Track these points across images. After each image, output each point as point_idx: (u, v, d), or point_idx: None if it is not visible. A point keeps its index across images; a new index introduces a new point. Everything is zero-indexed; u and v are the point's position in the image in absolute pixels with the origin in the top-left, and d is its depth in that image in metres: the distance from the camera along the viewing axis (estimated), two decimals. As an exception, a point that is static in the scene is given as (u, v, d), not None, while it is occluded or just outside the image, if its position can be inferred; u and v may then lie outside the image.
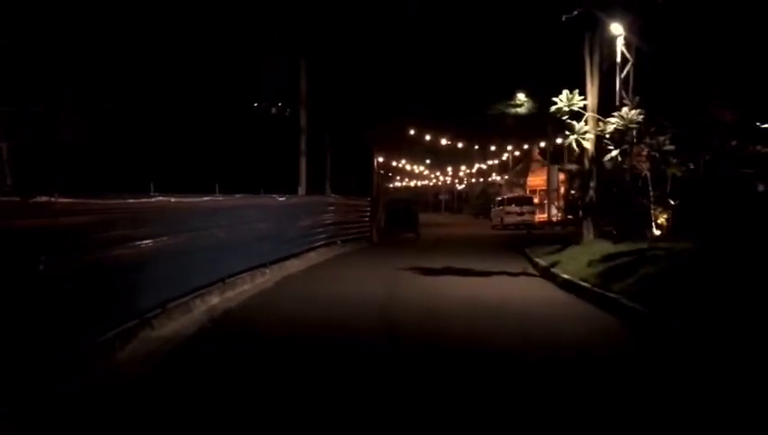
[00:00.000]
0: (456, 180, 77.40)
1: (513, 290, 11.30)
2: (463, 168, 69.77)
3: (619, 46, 12.90)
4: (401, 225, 31.16)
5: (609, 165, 14.11)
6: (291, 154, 21.36)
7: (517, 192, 45.26)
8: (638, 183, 14.04)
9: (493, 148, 50.59)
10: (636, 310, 8.04)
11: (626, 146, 11.41)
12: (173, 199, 9.51)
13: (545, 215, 41.39)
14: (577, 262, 12.25)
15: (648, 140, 11.32)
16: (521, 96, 36.58)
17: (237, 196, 12.72)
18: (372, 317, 8.83)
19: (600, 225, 15.17)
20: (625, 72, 12.96)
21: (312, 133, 22.35)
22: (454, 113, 41.39)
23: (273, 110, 36.90)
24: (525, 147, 47.17)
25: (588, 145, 12.58)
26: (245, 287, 11.79)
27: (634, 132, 11.42)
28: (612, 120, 11.60)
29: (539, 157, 49.51)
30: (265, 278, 13.08)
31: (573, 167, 15.23)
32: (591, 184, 14.72)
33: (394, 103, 35.04)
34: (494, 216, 37.92)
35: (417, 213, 36.17)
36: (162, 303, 8.66)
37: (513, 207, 35.92)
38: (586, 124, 12.80)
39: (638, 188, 14.04)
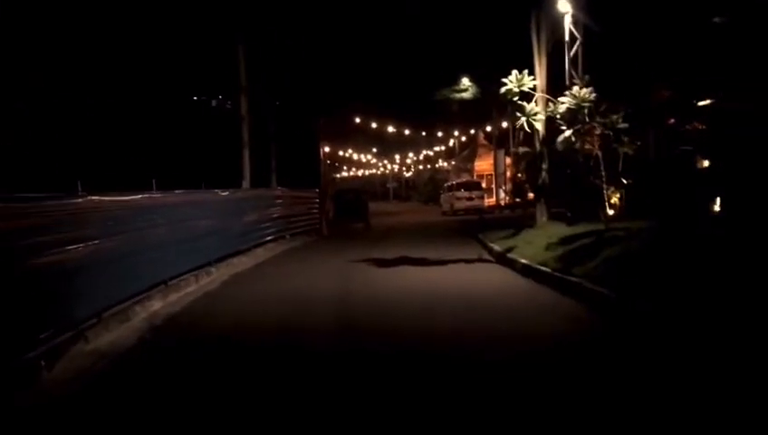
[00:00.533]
0: (404, 168, 77.27)
1: (470, 278, 10.94)
2: (410, 155, 69.65)
3: (567, 24, 12.63)
4: (351, 215, 30.79)
5: (561, 146, 13.82)
6: (234, 147, 20.54)
7: (464, 177, 45.25)
8: (590, 163, 13.91)
9: (439, 134, 50.48)
10: (601, 294, 7.75)
11: (579, 126, 11.14)
12: (105, 198, 8.76)
13: (493, 199, 41.51)
14: (534, 246, 11.99)
15: (599, 119, 11.06)
16: (465, 81, 36.47)
17: (177, 192, 11.99)
18: (327, 317, 8.31)
19: (552, 207, 14.98)
20: (573, 50, 12.71)
21: (256, 124, 21.57)
22: (400, 100, 41.10)
23: (214, 102, 35.83)
24: (472, 132, 47.18)
25: (539, 126, 12.31)
26: (190, 289, 11.09)
27: (586, 111, 11.16)
28: (564, 99, 11.31)
29: (485, 141, 49.62)
30: (211, 278, 12.40)
31: (524, 149, 14.90)
32: (543, 166, 14.49)
33: (339, 91, 34.49)
34: (444, 202, 37.79)
35: (367, 202, 35.77)
36: (98, 312, 7.97)
37: (463, 193, 35.85)
38: (537, 105, 12.50)
39: (590, 169, 13.91)
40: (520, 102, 12.60)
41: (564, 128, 11.40)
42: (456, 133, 47.84)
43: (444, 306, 8.52)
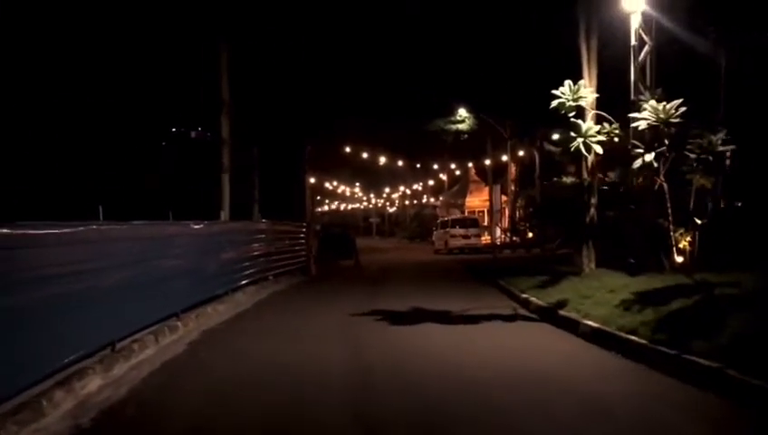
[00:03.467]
0: (388, 203, 74.71)
1: (524, 347, 8.19)
2: (394, 189, 67.16)
3: (635, 25, 10.21)
4: (337, 252, 28.27)
5: (614, 176, 11.39)
6: (211, 178, 17.77)
7: (454, 214, 42.81)
8: (649, 199, 11.39)
9: (434, 166, 47.86)
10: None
11: (663, 148, 8.61)
12: (15, 232, 5.94)
13: (489, 237, 38.97)
14: (597, 301, 9.32)
15: (696, 140, 8.53)
16: (462, 112, 34.14)
17: (135, 223, 9.16)
18: (336, 411, 5.55)
19: (596, 251, 12.36)
20: (642, 56, 10.27)
21: (238, 149, 18.86)
22: (389, 130, 38.51)
23: (193, 134, 33.17)
24: (470, 165, 44.78)
25: (598, 149, 9.76)
26: (146, 354, 8.20)
27: (673, 130, 8.64)
28: (642, 115, 8.78)
29: (476, 177, 47.36)
30: (177, 336, 9.50)
31: (569, 180, 12.30)
32: (592, 201, 11.89)
33: (326, 119, 31.94)
34: (437, 239, 35.18)
35: (355, 239, 33.11)
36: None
37: (458, 230, 33.33)
38: (597, 124, 9.95)
39: (651, 206, 11.40)
40: (575, 120, 10.09)
41: (641, 151, 8.82)
42: (453, 166, 45.15)
43: (507, 398, 5.77)
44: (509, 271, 16.54)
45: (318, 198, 66.11)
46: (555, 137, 33.74)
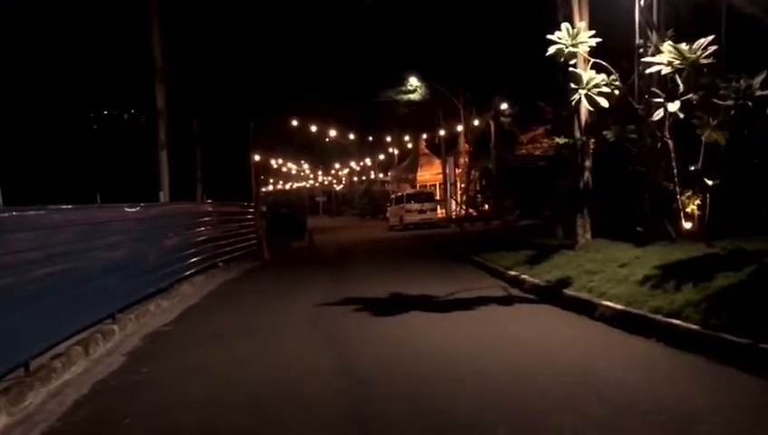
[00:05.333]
0: (335, 181, 72.81)
1: (540, 338, 6.80)
2: (341, 166, 65.35)
3: (639, -43, 8.87)
4: (288, 233, 26.68)
5: (611, 135, 10.12)
6: (148, 159, 15.77)
7: (405, 189, 41.51)
8: (650, 157, 10.20)
9: (388, 139, 46.06)
10: None
11: (691, 95, 7.31)
12: None
13: (444, 211, 37.87)
14: (610, 278, 8.04)
15: (731, 84, 7.24)
16: (413, 81, 32.65)
17: (51, 208, 7.33)
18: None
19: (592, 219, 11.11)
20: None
21: (176, 125, 16.86)
22: (337, 104, 36.65)
23: (126, 116, 30.61)
24: (424, 136, 43.25)
25: (603, 102, 8.42)
26: (73, 372, 6.48)
27: (700, 72, 7.33)
28: (659, 59, 7.44)
29: (426, 150, 46.11)
30: (113, 344, 7.79)
31: (563, 140, 10.97)
32: (586, 164, 10.59)
33: (270, 92, 29.86)
34: (392, 215, 33.78)
35: (305, 219, 31.46)
36: None
37: (414, 205, 31.96)
38: (599, 73, 8.58)
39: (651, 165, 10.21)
40: (574, 70, 8.72)
41: (660, 101, 7.50)
42: (407, 138, 43.50)
43: (553, 412, 4.37)
44: (480, 246, 15.29)
45: (262, 177, 63.62)
46: (504, 106, 32.88)
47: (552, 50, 8.46)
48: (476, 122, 31.72)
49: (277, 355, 6.76)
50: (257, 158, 34.58)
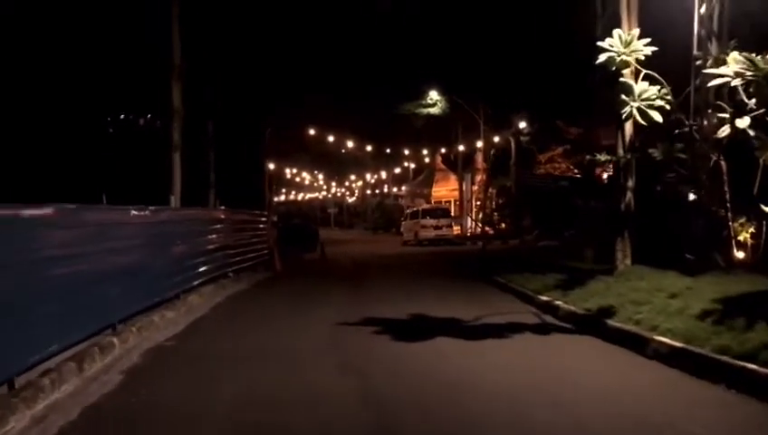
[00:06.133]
0: (347, 193, 72.17)
1: (591, 376, 6.03)
2: (357, 177, 64.64)
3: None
4: (299, 245, 25.92)
5: (658, 153, 9.37)
6: (161, 164, 15.18)
7: (419, 204, 40.83)
8: (699, 180, 9.43)
9: (405, 152, 45.32)
10: None
11: (762, 110, 6.59)
12: None
13: (459, 228, 37.09)
14: (661, 310, 7.26)
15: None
16: (434, 94, 32.00)
17: (48, 208, 6.65)
18: None
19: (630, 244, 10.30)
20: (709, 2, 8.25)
21: (191, 128, 16.26)
22: (355, 114, 35.99)
23: (141, 121, 30.21)
24: (442, 150, 42.50)
25: (657, 117, 7.71)
26: (63, 392, 5.77)
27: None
28: (725, 70, 6.73)
29: (443, 165, 45.45)
30: (111, 359, 7.08)
31: (605, 157, 10.18)
32: (629, 184, 9.83)
33: (288, 98, 29.30)
34: (407, 230, 33.05)
35: (318, 230, 30.77)
36: None
37: (429, 221, 31.24)
38: (653, 84, 7.86)
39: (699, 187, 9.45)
40: (625, 80, 8.01)
41: (725, 116, 6.76)
42: (425, 152, 42.71)
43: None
44: (503, 266, 14.53)
45: (274, 186, 63.09)
46: (522, 125, 32.14)
47: (602, 57, 7.76)
48: (497, 139, 30.99)
49: (293, 381, 6.02)
50: (272, 166, 34.12)
